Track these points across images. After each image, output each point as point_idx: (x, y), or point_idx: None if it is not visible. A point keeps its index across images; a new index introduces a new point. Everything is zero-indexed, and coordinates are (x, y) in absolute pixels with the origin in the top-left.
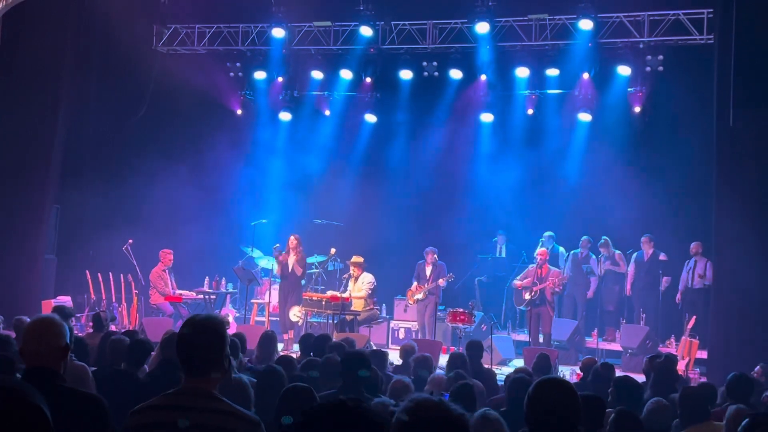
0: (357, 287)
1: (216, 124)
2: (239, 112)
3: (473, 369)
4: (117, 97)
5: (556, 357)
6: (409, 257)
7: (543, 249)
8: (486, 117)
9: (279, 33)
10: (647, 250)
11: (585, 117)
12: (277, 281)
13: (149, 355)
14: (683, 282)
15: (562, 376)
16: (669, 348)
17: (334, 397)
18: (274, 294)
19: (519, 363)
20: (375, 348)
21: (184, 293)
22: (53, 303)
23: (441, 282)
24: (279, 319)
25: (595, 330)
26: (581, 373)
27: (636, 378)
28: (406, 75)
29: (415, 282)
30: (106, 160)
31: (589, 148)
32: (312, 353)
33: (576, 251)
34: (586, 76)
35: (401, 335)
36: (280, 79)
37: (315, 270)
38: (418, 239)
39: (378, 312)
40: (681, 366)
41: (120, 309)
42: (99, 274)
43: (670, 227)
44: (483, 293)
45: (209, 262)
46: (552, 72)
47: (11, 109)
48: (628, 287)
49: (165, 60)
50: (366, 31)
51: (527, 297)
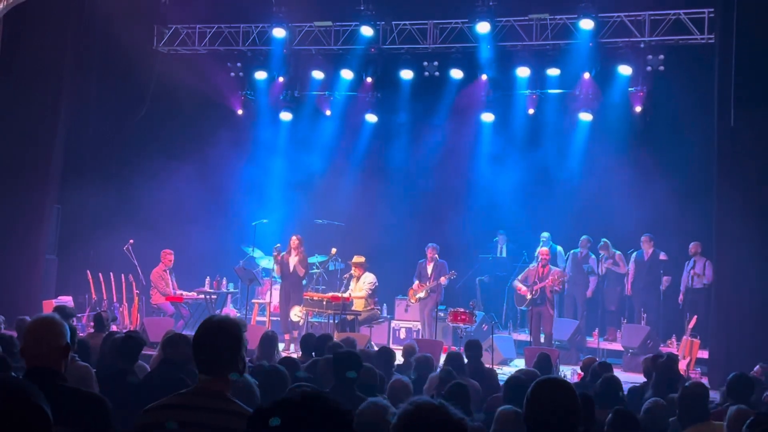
0: (358, 287)
1: (217, 124)
2: (240, 112)
3: (473, 368)
4: (118, 97)
5: (557, 357)
6: (410, 257)
7: (545, 248)
8: (487, 117)
9: (280, 33)
10: (647, 249)
11: (586, 117)
12: (279, 281)
13: (141, 350)
14: (684, 282)
15: (563, 375)
16: (670, 348)
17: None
18: (275, 294)
19: (520, 363)
20: (376, 347)
21: (185, 293)
22: (54, 303)
23: (443, 280)
24: (280, 320)
25: (596, 330)
26: (582, 373)
27: (636, 378)
28: (406, 75)
29: (417, 281)
30: (106, 160)
31: (590, 147)
32: (314, 353)
33: (575, 251)
34: (586, 75)
35: (402, 335)
36: (280, 79)
37: (316, 270)
38: (418, 239)
39: (379, 312)
40: (682, 366)
41: (121, 309)
42: (100, 274)
43: (671, 227)
44: (484, 293)
45: (210, 262)
46: (553, 72)
47: (12, 109)
48: (628, 287)
49: (166, 60)
50: (367, 31)
51: (528, 296)
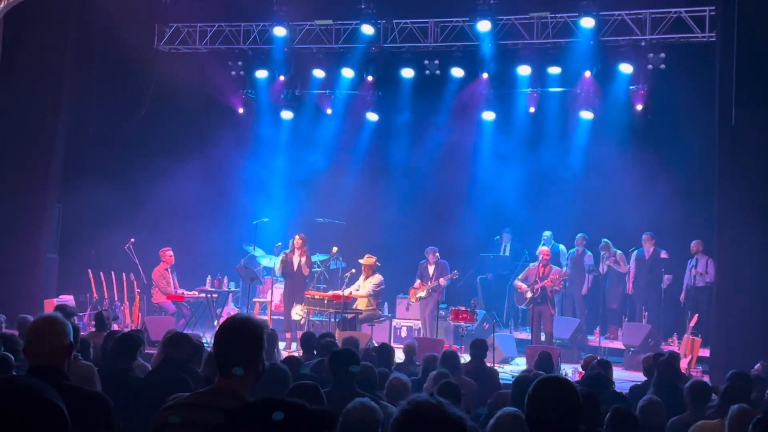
0: (364, 285)
1: (217, 123)
2: (241, 110)
3: (475, 367)
4: (118, 96)
5: (558, 355)
6: (411, 256)
7: (545, 248)
8: (488, 115)
9: (280, 32)
10: (648, 248)
11: (587, 115)
12: (280, 280)
13: (138, 349)
14: (686, 280)
15: (564, 374)
16: (671, 346)
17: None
18: (276, 293)
19: (521, 361)
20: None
21: (186, 292)
22: (55, 302)
23: (442, 281)
24: (284, 318)
25: (598, 328)
26: (583, 372)
27: (637, 376)
28: (407, 73)
29: (418, 280)
30: (107, 159)
31: (591, 146)
32: (315, 352)
33: (573, 250)
34: (587, 74)
35: (403, 334)
36: (281, 78)
37: (317, 269)
38: (419, 238)
39: (380, 312)
40: (683, 364)
41: (122, 308)
42: (101, 273)
43: (672, 225)
44: (485, 291)
45: (211, 260)
46: (554, 70)
47: (12, 109)
48: (629, 285)
49: (166, 59)
50: (367, 30)
51: (528, 295)
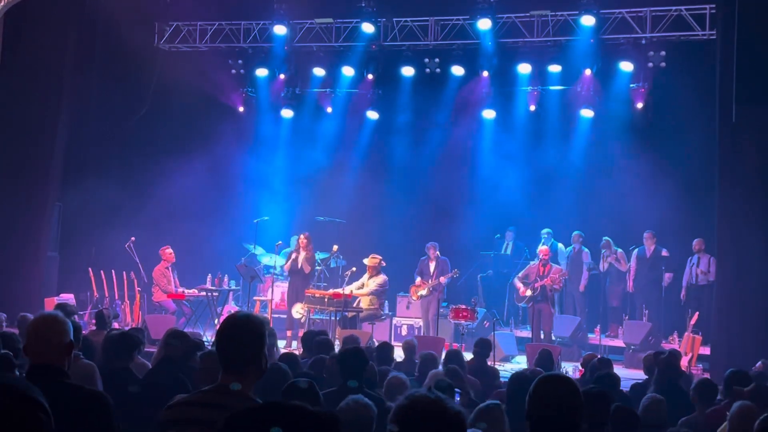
0: (368, 284)
1: (218, 121)
2: (241, 109)
3: (477, 366)
4: (119, 95)
5: (558, 353)
6: (411, 254)
7: (545, 247)
8: (488, 113)
9: (281, 30)
10: (649, 246)
11: (587, 113)
12: (280, 278)
13: (136, 348)
14: (686, 278)
15: (564, 372)
16: (672, 344)
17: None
18: (276, 291)
19: (521, 359)
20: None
21: (186, 291)
22: (56, 301)
23: (442, 279)
24: (287, 317)
25: (598, 326)
26: (583, 370)
27: (638, 374)
28: (407, 72)
29: (419, 278)
30: (108, 157)
31: (591, 144)
32: (314, 350)
33: (571, 247)
34: (588, 72)
35: (404, 332)
36: (281, 76)
37: (318, 267)
38: (419, 236)
39: (380, 311)
40: (684, 362)
41: (123, 306)
42: (102, 271)
43: (672, 223)
44: (485, 290)
45: (212, 259)
46: (554, 68)
47: (13, 107)
48: (630, 283)
49: (167, 57)
50: (368, 28)
51: (528, 294)
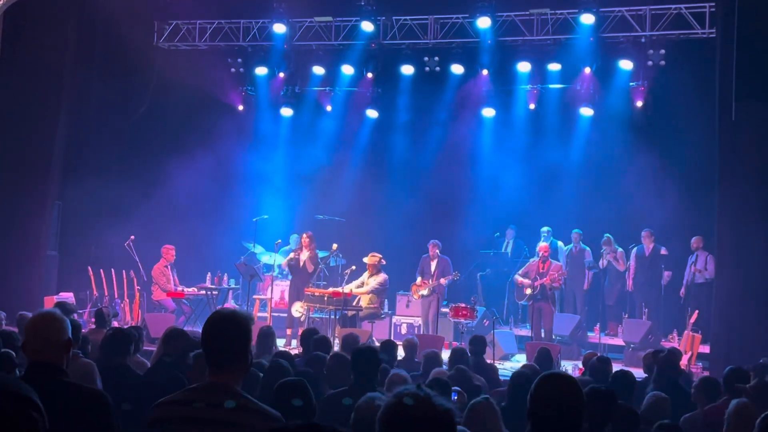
0: (368, 282)
1: (217, 120)
2: (240, 107)
3: (475, 364)
4: (118, 94)
5: (558, 352)
6: (411, 253)
7: (545, 244)
8: (488, 112)
9: (280, 29)
10: (648, 244)
11: (587, 111)
12: (279, 277)
13: (132, 344)
14: (686, 276)
15: (564, 370)
16: (671, 342)
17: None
18: (276, 290)
19: (521, 358)
20: (378, 342)
21: (186, 289)
22: (55, 299)
23: (443, 281)
24: (287, 315)
25: (598, 325)
26: (583, 368)
27: (637, 373)
28: (407, 70)
29: (420, 277)
30: (107, 156)
31: (591, 142)
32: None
33: (570, 246)
34: (587, 70)
35: (403, 330)
36: (281, 75)
37: (318, 266)
38: (419, 235)
39: (380, 310)
40: (683, 360)
41: (122, 305)
42: (101, 270)
43: (672, 221)
44: (485, 288)
45: (211, 258)
46: (554, 66)
47: (13, 106)
48: (629, 282)
49: (166, 56)
50: (367, 27)
51: (528, 292)
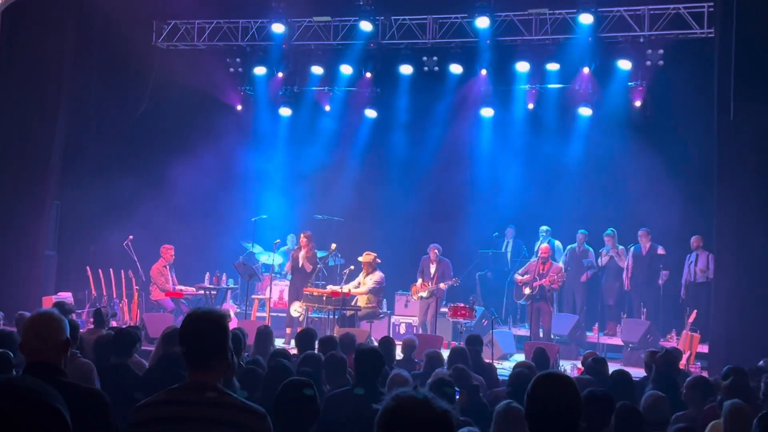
0: (364, 282)
1: (216, 119)
2: (239, 107)
3: (473, 363)
4: (117, 93)
5: (557, 352)
6: (409, 252)
7: (545, 245)
8: (486, 111)
9: (279, 28)
10: (644, 243)
11: (585, 111)
12: (278, 277)
13: (134, 345)
14: (685, 276)
15: (563, 370)
16: (670, 342)
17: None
18: (275, 290)
19: (520, 357)
20: (376, 342)
21: (184, 289)
22: (54, 299)
23: (442, 287)
24: (286, 315)
25: (596, 324)
26: (582, 368)
27: (636, 372)
28: (406, 70)
29: (420, 279)
30: (106, 156)
31: (590, 142)
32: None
33: (573, 246)
34: (586, 70)
35: (402, 330)
36: (280, 75)
37: (317, 265)
38: (417, 234)
39: (379, 310)
40: (682, 360)
41: (121, 305)
42: (100, 270)
43: (671, 221)
44: (484, 288)
45: (210, 257)
46: (552, 66)
47: (11, 106)
48: (626, 282)
49: (165, 56)
50: (366, 26)
51: (527, 292)
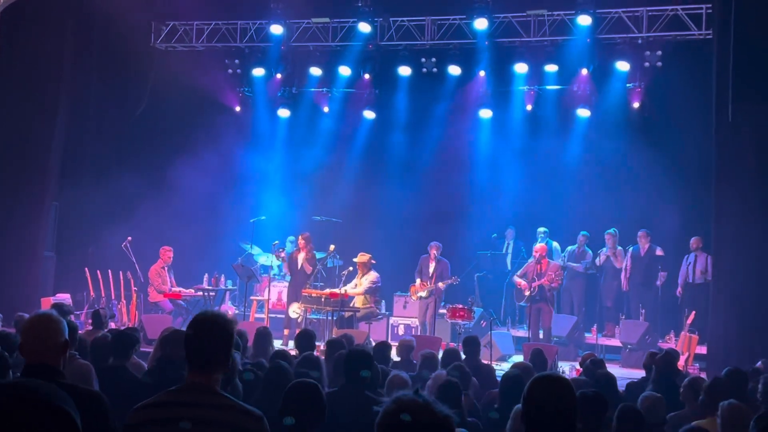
0: (360, 283)
1: (214, 121)
2: (238, 108)
3: (470, 364)
4: (116, 95)
5: (555, 353)
6: (408, 254)
7: (541, 245)
8: (485, 113)
9: (277, 30)
10: (643, 245)
11: (584, 112)
12: (277, 278)
13: (133, 347)
14: (682, 276)
15: (561, 371)
16: (669, 343)
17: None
18: (273, 291)
19: (518, 359)
20: (374, 343)
21: (183, 290)
22: (52, 300)
23: (441, 286)
24: (285, 316)
25: (595, 326)
26: (581, 369)
27: (635, 373)
28: (404, 71)
29: (419, 279)
30: (104, 157)
31: (588, 143)
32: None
33: (572, 247)
34: (584, 71)
35: (401, 331)
36: (278, 76)
37: (316, 266)
38: (416, 236)
39: (377, 310)
40: (681, 361)
41: (119, 306)
42: (98, 271)
43: (669, 222)
44: (482, 289)
45: (208, 259)
46: (551, 68)
47: (10, 107)
48: (624, 283)
49: (163, 57)
50: (364, 28)
51: (527, 293)
